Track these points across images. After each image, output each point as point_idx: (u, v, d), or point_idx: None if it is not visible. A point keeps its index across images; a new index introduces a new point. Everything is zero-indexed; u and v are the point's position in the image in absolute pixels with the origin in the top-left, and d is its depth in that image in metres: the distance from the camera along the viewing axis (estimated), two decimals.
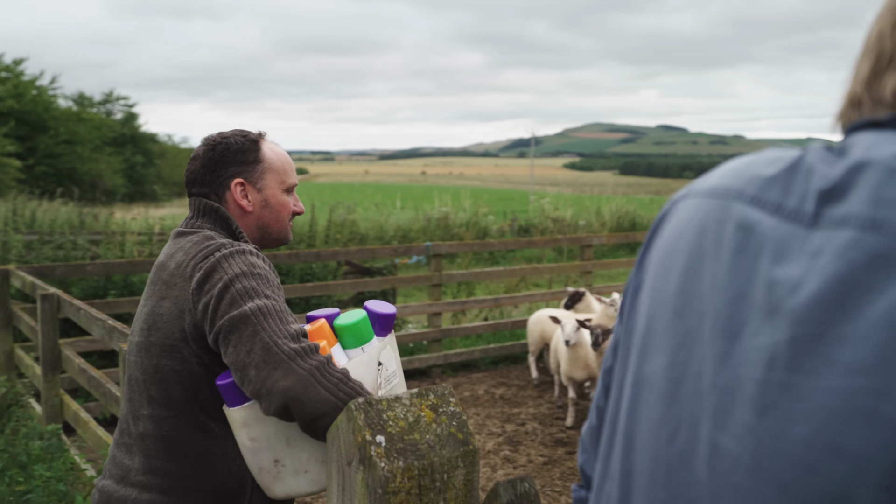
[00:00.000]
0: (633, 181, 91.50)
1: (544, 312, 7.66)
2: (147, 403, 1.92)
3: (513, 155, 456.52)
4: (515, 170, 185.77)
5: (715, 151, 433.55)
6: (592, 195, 30.81)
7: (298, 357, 1.72)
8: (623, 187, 53.33)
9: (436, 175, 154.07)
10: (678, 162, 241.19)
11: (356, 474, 1.60)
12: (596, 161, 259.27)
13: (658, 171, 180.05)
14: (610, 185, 54.77)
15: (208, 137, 2.10)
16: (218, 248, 1.89)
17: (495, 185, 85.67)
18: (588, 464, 1.24)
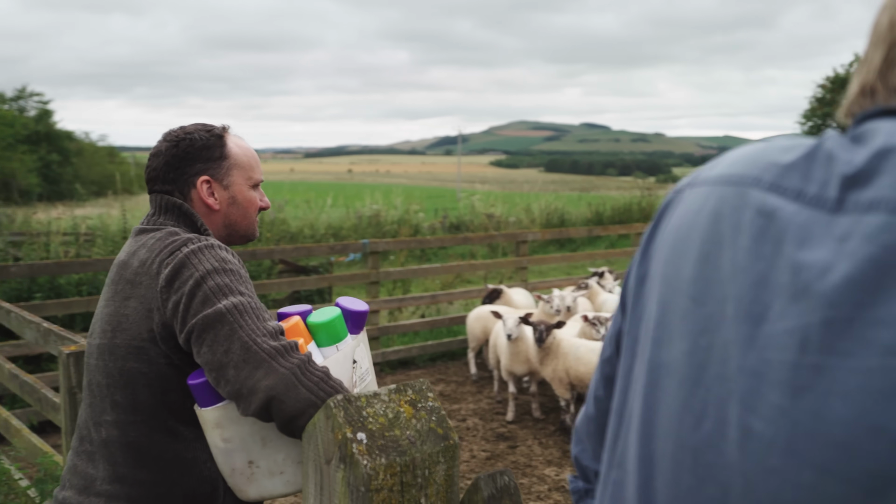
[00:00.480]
0: (558, 178, 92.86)
1: (484, 308, 7.70)
2: (111, 408, 1.84)
3: (439, 153, 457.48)
4: (442, 167, 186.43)
5: (637, 149, 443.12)
6: (522, 192, 31.11)
7: (279, 355, 1.68)
8: (549, 184, 53.99)
9: (363, 173, 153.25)
10: (602, 159, 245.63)
11: (336, 473, 1.57)
12: (522, 158, 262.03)
13: (582, 169, 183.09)
14: (537, 182, 55.44)
15: (170, 133, 2.03)
16: (185, 243, 1.83)
17: (422, 183, 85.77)
18: (584, 454, 1.24)
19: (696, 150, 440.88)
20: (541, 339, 6.12)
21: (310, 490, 1.66)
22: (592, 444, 1.22)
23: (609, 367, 1.16)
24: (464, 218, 20.40)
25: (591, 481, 1.23)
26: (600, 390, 1.18)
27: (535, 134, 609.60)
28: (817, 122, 32.47)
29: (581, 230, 10.41)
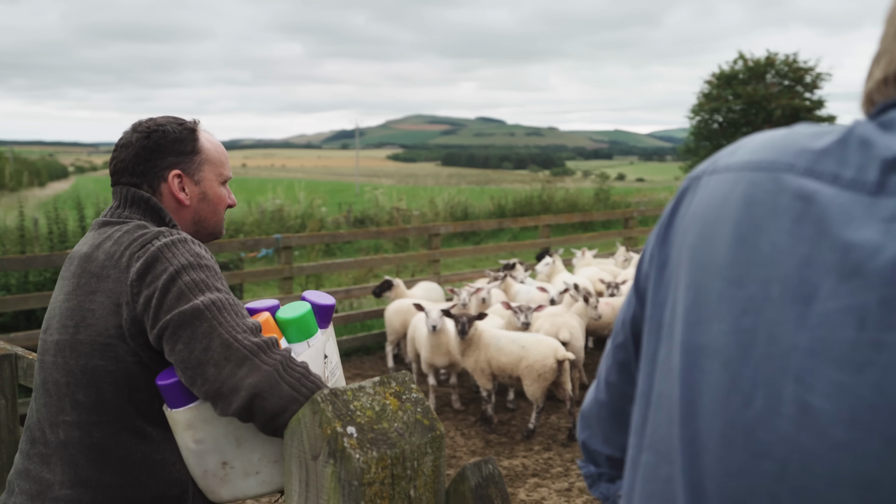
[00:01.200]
0: (455, 171, 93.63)
1: (403, 302, 7.69)
2: (71, 408, 1.76)
3: (336, 147, 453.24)
4: (339, 161, 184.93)
5: (531, 143, 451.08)
6: (426, 186, 31.20)
7: (262, 352, 1.64)
8: (446, 178, 54.33)
9: (257, 167, 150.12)
10: (497, 153, 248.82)
11: (324, 468, 1.54)
12: (419, 152, 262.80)
13: (478, 162, 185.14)
14: (435, 176, 55.68)
15: (141, 124, 1.96)
16: (156, 237, 1.76)
17: (319, 178, 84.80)
18: (592, 439, 1.26)
19: (588, 144, 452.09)
20: (463, 331, 6.17)
21: (293, 487, 1.63)
22: (603, 429, 1.24)
23: (623, 352, 1.18)
24: (368, 212, 20.30)
25: (601, 465, 1.26)
26: (613, 376, 1.20)
27: (432, 128, 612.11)
28: (704, 117, 33.87)
29: (491, 222, 10.53)
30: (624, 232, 12.97)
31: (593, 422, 1.25)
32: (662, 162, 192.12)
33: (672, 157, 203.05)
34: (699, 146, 34.19)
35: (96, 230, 1.90)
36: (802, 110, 32.67)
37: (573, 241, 11.86)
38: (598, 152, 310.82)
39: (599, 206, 21.57)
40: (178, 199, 1.95)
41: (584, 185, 31.16)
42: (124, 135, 1.96)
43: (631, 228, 13.13)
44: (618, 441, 1.21)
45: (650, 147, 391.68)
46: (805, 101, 33.04)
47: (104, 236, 1.84)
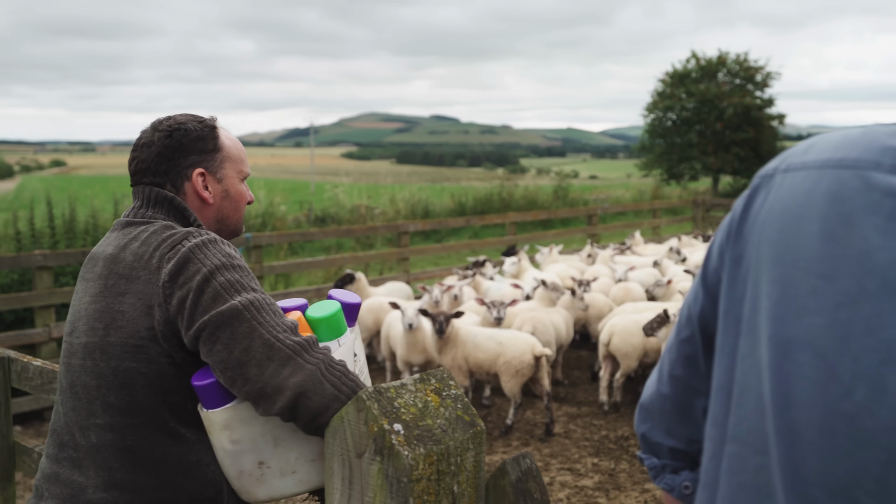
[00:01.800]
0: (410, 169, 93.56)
1: (376, 300, 7.68)
2: (102, 411, 1.73)
3: (289, 145, 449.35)
4: (293, 160, 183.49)
5: (485, 140, 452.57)
6: (385, 184, 31.11)
7: (304, 351, 1.64)
8: (402, 176, 54.20)
9: None
10: (452, 151, 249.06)
11: (370, 466, 1.55)
12: (373, 150, 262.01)
13: (433, 160, 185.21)
14: (391, 174, 55.52)
15: (161, 122, 1.93)
16: (185, 237, 1.75)
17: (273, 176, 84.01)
18: (654, 431, 1.29)
19: (541, 142, 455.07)
20: (441, 329, 6.18)
21: (335, 485, 1.63)
22: (665, 422, 1.26)
23: (689, 346, 1.21)
24: (329, 210, 20.19)
25: (663, 457, 1.28)
26: (678, 369, 1.23)
27: (386, 126, 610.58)
28: (658, 115, 34.35)
29: (459, 220, 10.57)
30: (588, 229, 13.11)
31: (655, 414, 1.28)
32: (615, 159, 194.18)
33: (624, 155, 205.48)
34: (653, 143, 34.67)
35: (119, 230, 1.87)
36: (753, 108, 33.33)
37: (538, 239, 11.95)
38: (552, 150, 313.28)
39: (559, 203, 21.74)
40: (202, 198, 1.93)
41: (539, 183, 31.39)
42: (144, 134, 1.94)
43: (594, 225, 13.27)
44: (681, 433, 1.24)
45: (602, 145, 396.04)
46: (756, 100, 33.71)
47: (129, 237, 1.82)
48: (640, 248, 11.94)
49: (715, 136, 32.84)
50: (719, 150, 32.74)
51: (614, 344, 6.86)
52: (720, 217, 17.38)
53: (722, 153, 32.71)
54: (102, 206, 11.25)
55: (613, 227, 14.92)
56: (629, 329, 6.80)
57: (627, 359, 6.80)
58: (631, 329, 6.79)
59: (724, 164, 32.90)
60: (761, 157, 33.31)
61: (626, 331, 6.81)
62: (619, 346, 6.83)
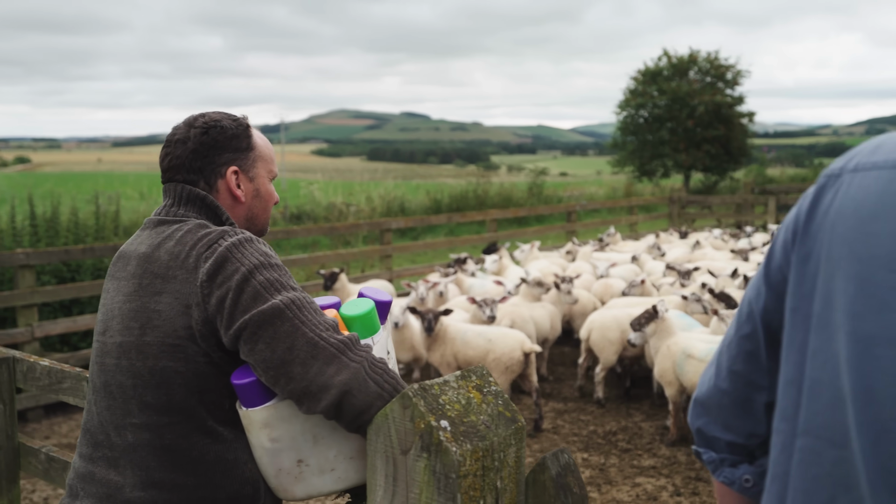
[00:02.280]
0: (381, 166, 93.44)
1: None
2: (139, 410, 1.73)
3: None
4: None
5: (456, 137, 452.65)
6: (361, 181, 31.01)
7: (348, 350, 1.65)
8: (375, 173, 54.07)
9: None
10: (423, 147, 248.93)
11: (416, 462, 1.56)
12: (344, 147, 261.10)
13: (404, 157, 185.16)
14: (362, 171, 55.38)
15: (196, 119, 1.93)
16: (221, 236, 1.75)
17: None
18: (711, 426, 1.31)
19: (512, 139, 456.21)
20: (430, 327, 6.20)
21: (377, 482, 1.64)
22: (723, 416, 1.29)
23: (750, 342, 1.23)
24: (304, 208, 20.09)
25: (721, 451, 1.31)
26: (738, 365, 1.25)
27: (357, 122, 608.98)
28: (631, 112, 34.63)
29: (441, 217, 10.59)
30: (567, 226, 13.19)
31: (713, 409, 1.30)
32: (585, 156, 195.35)
33: (594, 152, 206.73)
34: (626, 141, 34.93)
35: (151, 229, 1.87)
36: (724, 106, 33.71)
37: (518, 236, 12.01)
38: (523, 147, 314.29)
39: (533, 200, 21.84)
40: (235, 196, 1.94)
41: (512, 180, 31.49)
42: (178, 131, 1.93)
43: (573, 222, 13.36)
44: (740, 427, 1.26)
45: (572, 142, 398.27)
46: (726, 98, 34.10)
47: (163, 235, 1.81)
48: (619, 244, 12.05)
49: (686, 133, 33.15)
50: (691, 147, 33.05)
51: (592, 339, 6.98)
52: (694, 214, 17.57)
53: (693, 150, 33.02)
54: (81, 206, 11.11)
55: (591, 225, 15.04)
56: (606, 324, 6.90)
57: (605, 353, 6.91)
58: (608, 324, 6.88)
59: (695, 161, 33.23)
60: (731, 155, 33.73)
61: (604, 326, 6.91)
62: (596, 341, 6.95)
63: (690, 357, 5.68)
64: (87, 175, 55.15)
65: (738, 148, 33.73)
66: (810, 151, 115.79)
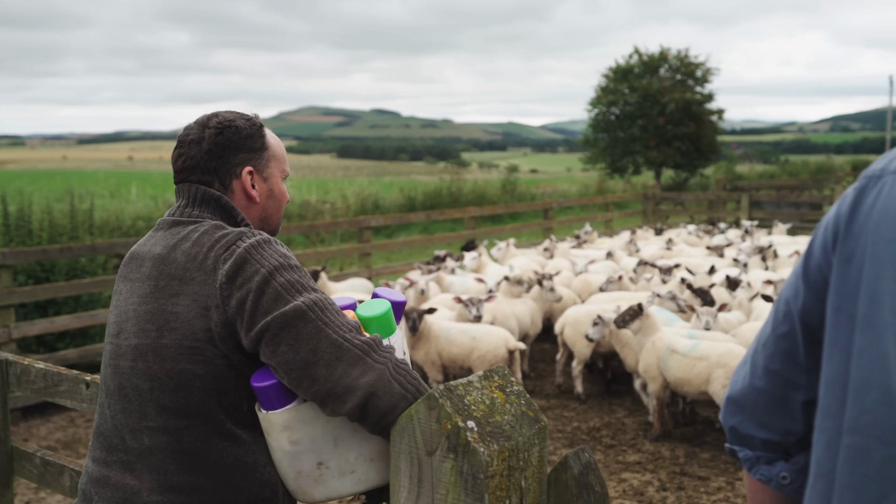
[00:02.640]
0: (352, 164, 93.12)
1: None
2: (156, 414, 1.71)
3: None
4: None
5: (427, 134, 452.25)
6: (334, 179, 30.88)
7: (372, 351, 1.65)
8: (348, 170, 53.88)
9: (144, 160, 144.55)
10: (393, 144, 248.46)
11: (443, 463, 1.56)
12: (314, 144, 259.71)
13: (375, 154, 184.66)
14: (337, 168, 55.23)
15: (210, 119, 1.91)
16: (239, 238, 1.73)
17: None
18: (745, 424, 1.32)
19: (482, 136, 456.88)
20: (414, 326, 6.19)
21: (401, 483, 1.64)
22: (759, 415, 1.30)
23: (787, 341, 1.24)
24: None
25: (756, 449, 1.32)
26: (776, 364, 1.26)
27: (326, 119, 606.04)
28: (602, 109, 34.84)
29: (419, 215, 10.56)
30: (543, 223, 13.24)
31: (748, 408, 1.31)
32: (555, 153, 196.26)
33: (564, 149, 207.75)
34: (597, 138, 35.15)
35: (165, 230, 1.84)
36: (694, 103, 34.05)
37: (496, 233, 12.04)
38: (493, 144, 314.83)
39: (507, 197, 21.90)
40: (250, 196, 1.92)
41: (484, 177, 31.57)
42: (191, 131, 1.91)
43: (550, 219, 13.42)
44: (777, 426, 1.28)
45: (542, 139, 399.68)
46: (696, 95, 34.44)
47: (179, 236, 1.79)
48: (596, 241, 12.12)
49: (657, 130, 33.42)
50: (662, 144, 33.33)
51: (566, 333, 7.07)
52: (668, 210, 17.72)
53: (664, 147, 33.31)
54: (53, 205, 10.94)
55: (567, 222, 15.11)
56: (580, 319, 6.97)
57: (577, 347, 7.00)
58: (582, 320, 6.95)
59: (666, 158, 33.52)
60: (702, 152, 34.06)
61: (577, 321, 6.98)
62: (569, 336, 7.03)
63: (674, 352, 5.73)
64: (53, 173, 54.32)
65: (708, 145, 34.08)
66: (776, 148, 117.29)
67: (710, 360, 5.57)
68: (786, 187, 21.97)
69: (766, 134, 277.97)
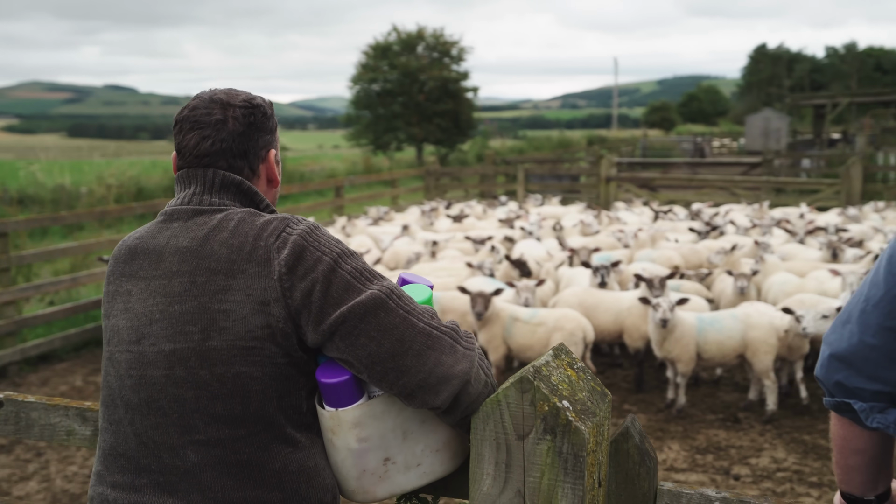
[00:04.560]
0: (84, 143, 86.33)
1: None
2: (205, 425, 1.53)
3: None
4: None
5: (168, 112, 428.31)
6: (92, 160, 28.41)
7: (460, 338, 1.58)
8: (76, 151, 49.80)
9: None
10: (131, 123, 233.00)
11: (537, 446, 1.55)
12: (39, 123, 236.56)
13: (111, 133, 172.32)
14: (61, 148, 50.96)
15: (229, 96, 1.72)
16: (287, 224, 1.58)
17: None
18: (852, 378, 1.43)
19: None
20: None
21: (485, 471, 1.60)
22: (870, 369, 1.40)
23: None
24: (27, 191, 18.09)
25: (867, 399, 1.43)
26: (892, 321, 1.37)
27: (53, 96, 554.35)
28: (364, 86, 35.08)
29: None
30: (336, 201, 13.15)
31: (857, 363, 1.42)
32: (305, 131, 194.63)
33: (315, 126, 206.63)
34: (359, 115, 35.39)
35: (185, 220, 1.63)
36: (451, 81, 35.27)
37: (292, 212, 11.76)
38: None
39: (285, 177, 21.43)
40: (271, 180, 1.78)
41: None
42: (211, 110, 1.69)
43: (342, 197, 13.35)
44: (889, 377, 1.40)
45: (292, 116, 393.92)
46: (453, 73, 35.69)
47: (208, 226, 1.59)
48: (389, 217, 12.25)
49: (418, 107, 34.24)
50: (422, 121, 34.21)
51: None
52: (447, 185, 18.28)
53: (425, 124, 34.22)
54: None
55: (357, 199, 15.11)
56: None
57: None
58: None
59: (427, 135, 34.48)
60: (460, 128, 35.41)
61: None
62: None
63: (517, 320, 5.98)
64: None
65: (466, 121, 35.47)
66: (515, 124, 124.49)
67: (549, 324, 5.88)
68: (548, 161, 23.52)
69: (505, 111, 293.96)
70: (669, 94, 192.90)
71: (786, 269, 7.52)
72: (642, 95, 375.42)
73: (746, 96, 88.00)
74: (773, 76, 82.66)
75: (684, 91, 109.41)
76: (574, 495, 1.54)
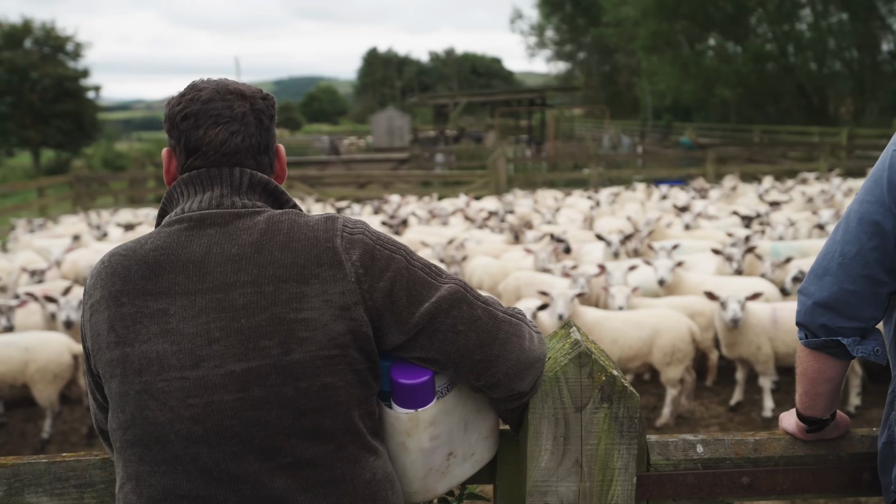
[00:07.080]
0: None
1: None
2: (292, 447, 1.40)
3: None
4: None
5: None
6: None
7: (527, 321, 1.60)
8: None
9: None
10: None
11: (595, 415, 1.68)
12: None
13: None
14: None
15: (243, 89, 1.55)
16: (342, 223, 1.50)
17: None
18: (835, 319, 1.72)
19: None
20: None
21: (543, 447, 1.66)
22: (850, 310, 1.69)
23: (878, 252, 1.66)
24: None
25: (850, 335, 1.73)
26: (868, 270, 1.68)
27: None
28: None
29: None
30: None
31: (839, 306, 1.71)
32: None
33: None
34: None
35: (223, 226, 1.44)
36: (68, 79, 32.34)
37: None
38: None
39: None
40: (281, 174, 1.67)
41: None
42: (229, 102, 1.49)
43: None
44: (867, 314, 1.71)
45: None
46: (70, 71, 32.75)
47: (256, 231, 1.43)
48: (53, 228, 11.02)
49: (32, 108, 30.88)
50: (39, 122, 30.94)
51: None
52: (96, 191, 16.74)
53: (42, 126, 30.99)
54: None
55: (3, 211, 13.21)
56: None
57: None
58: None
59: (46, 138, 31.27)
60: (84, 130, 32.65)
61: None
62: None
63: None
64: None
65: (90, 122, 32.79)
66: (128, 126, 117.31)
67: None
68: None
69: (116, 112, 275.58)
70: (288, 94, 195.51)
71: (482, 252, 8.22)
72: None
73: (363, 96, 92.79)
74: (385, 77, 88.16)
75: (301, 91, 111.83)
76: (629, 454, 1.68)
